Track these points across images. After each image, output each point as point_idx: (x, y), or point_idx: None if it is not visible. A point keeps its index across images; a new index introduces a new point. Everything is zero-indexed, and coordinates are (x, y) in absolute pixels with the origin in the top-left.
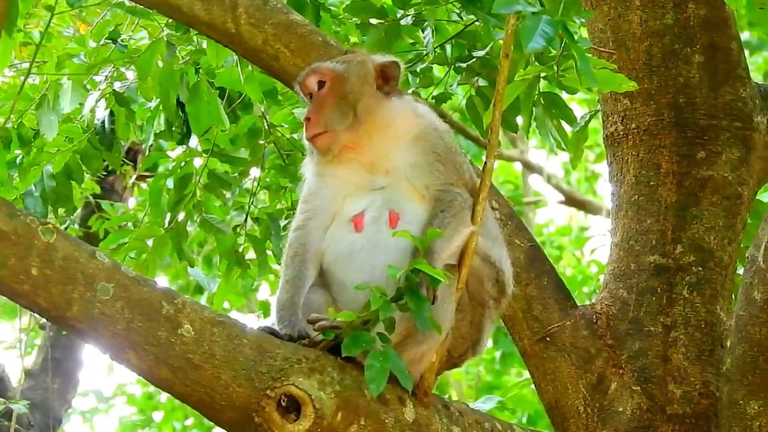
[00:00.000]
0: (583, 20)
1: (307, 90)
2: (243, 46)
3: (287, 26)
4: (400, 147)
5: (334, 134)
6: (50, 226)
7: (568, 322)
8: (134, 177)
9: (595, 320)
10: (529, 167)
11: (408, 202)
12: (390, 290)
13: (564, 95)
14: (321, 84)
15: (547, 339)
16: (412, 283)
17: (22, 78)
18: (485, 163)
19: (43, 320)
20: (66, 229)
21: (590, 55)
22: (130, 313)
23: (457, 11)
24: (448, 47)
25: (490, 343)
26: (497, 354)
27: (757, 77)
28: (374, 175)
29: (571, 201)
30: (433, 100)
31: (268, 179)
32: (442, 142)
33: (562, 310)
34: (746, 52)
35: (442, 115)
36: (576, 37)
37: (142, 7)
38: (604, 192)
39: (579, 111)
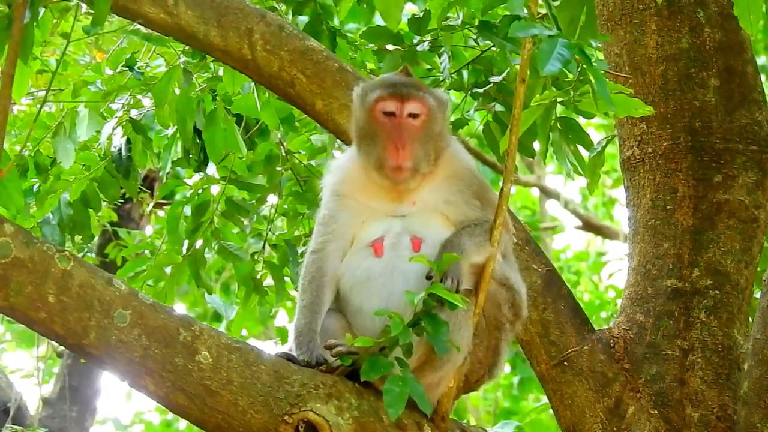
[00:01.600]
0: (599, 43)
1: (397, 110)
2: (259, 73)
3: (303, 52)
4: (433, 183)
5: (418, 175)
6: (67, 253)
7: (585, 347)
8: (151, 205)
9: (612, 344)
10: (546, 192)
11: (431, 228)
12: (407, 316)
13: (581, 120)
14: (414, 116)
15: (565, 363)
16: (430, 307)
17: (39, 106)
18: (502, 188)
19: (61, 348)
20: (83, 257)
21: (606, 80)
22: (147, 339)
23: (474, 37)
24: (465, 73)
25: (507, 369)
26: (515, 379)
27: None
28: (398, 204)
29: (589, 226)
30: (450, 126)
31: (285, 206)
32: (477, 180)
33: (579, 334)
34: (762, 77)
35: (461, 142)
36: (592, 60)
37: (157, 34)
38: (621, 217)
39: (596, 136)
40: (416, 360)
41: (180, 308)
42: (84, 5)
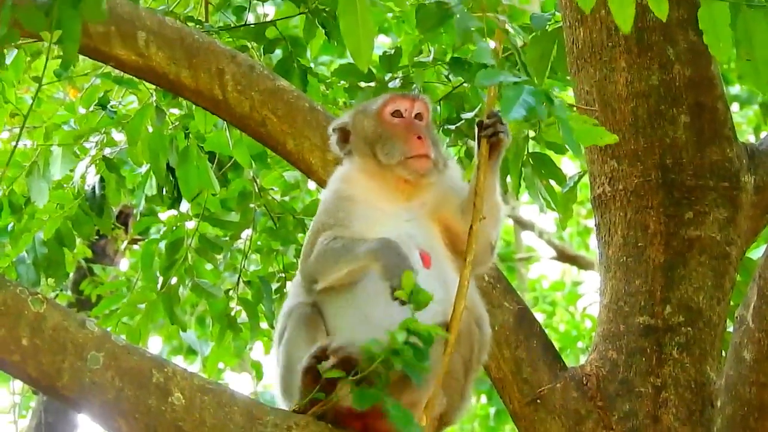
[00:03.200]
0: (560, 89)
1: (406, 110)
2: (230, 113)
3: (273, 92)
4: (437, 191)
5: (435, 170)
6: (39, 296)
7: (557, 384)
8: (126, 243)
9: (585, 382)
10: (520, 223)
11: (433, 240)
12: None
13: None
14: (420, 116)
15: (538, 401)
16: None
17: (13, 143)
18: (471, 226)
19: None
20: (57, 295)
21: (571, 121)
22: (121, 381)
23: (445, 73)
24: (437, 108)
25: (484, 399)
26: (492, 410)
27: (747, 130)
28: (408, 204)
29: (564, 256)
30: None
31: (259, 242)
32: (456, 173)
33: (552, 372)
34: (737, 106)
35: None
36: (556, 103)
37: (129, 75)
38: (597, 247)
39: (572, 167)
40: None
41: (155, 342)
42: (57, 47)
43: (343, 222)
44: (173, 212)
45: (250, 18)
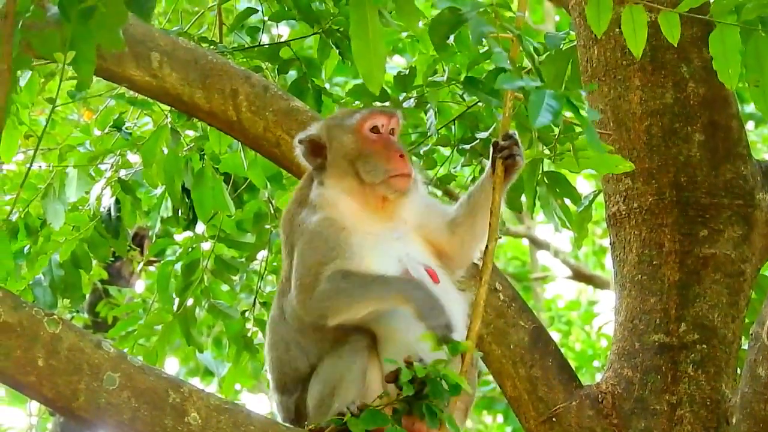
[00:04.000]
0: (586, 93)
1: (383, 126)
2: (244, 134)
3: (287, 113)
4: (411, 204)
5: (414, 185)
6: (55, 317)
7: (573, 403)
8: (141, 264)
9: (600, 400)
10: (536, 243)
11: (426, 253)
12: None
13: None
14: (393, 132)
15: (553, 420)
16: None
17: (27, 165)
18: (486, 246)
19: None
20: (73, 317)
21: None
22: (137, 402)
23: (460, 92)
24: (453, 128)
25: (500, 419)
26: (508, 430)
27: (763, 149)
28: (390, 224)
29: (579, 276)
30: (438, 182)
31: (275, 263)
32: (424, 188)
33: (567, 390)
34: (752, 124)
35: (449, 194)
36: (581, 111)
37: (143, 97)
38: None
39: (587, 186)
40: None
41: (172, 363)
42: (71, 68)
43: (345, 254)
44: (189, 234)
45: (264, 38)
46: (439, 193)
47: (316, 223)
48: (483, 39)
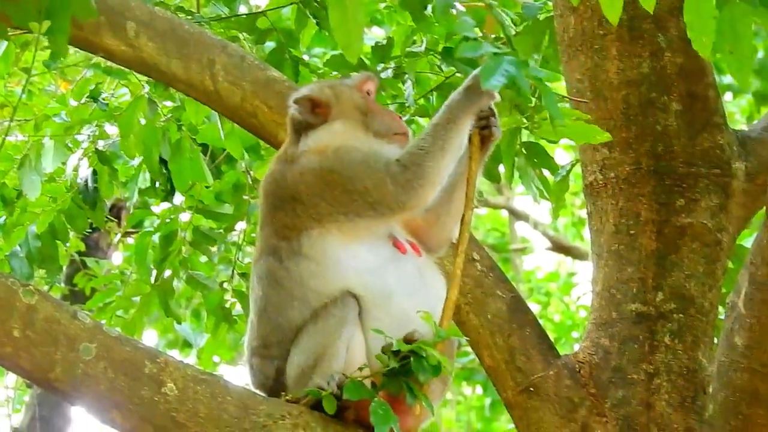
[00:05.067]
0: (540, 57)
1: (372, 92)
2: (221, 104)
3: (265, 83)
4: None
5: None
6: (31, 287)
7: (551, 372)
8: (119, 236)
9: (578, 369)
10: (515, 214)
11: (408, 234)
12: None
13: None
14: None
15: (531, 389)
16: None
17: (3, 136)
18: (463, 215)
19: None
20: (50, 288)
21: (566, 106)
22: (113, 372)
23: (438, 63)
24: (431, 98)
25: (479, 390)
26: (487, 401)
27: (741, 119)
28: None
29: (558, 247)
30: None
31: (253, 234)
32: None
33: (545, 360)
34: (730, 95)
35: None
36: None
37: (119, 66)
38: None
39: (564, 157)
40: None
41: (151, 335)
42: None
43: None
44: (167, 205)
45: (242, 9)
46: None
47: (339, 147)
48: (451, 9)
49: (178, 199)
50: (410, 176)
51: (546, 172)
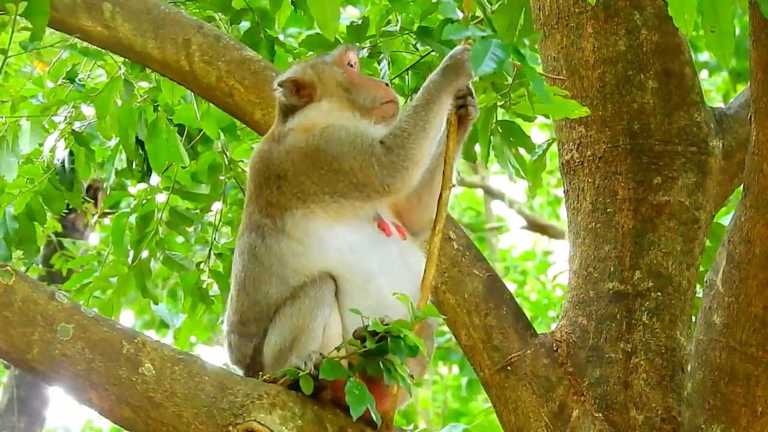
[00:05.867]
0: (530, 41)
1: (354, 62)
2: (197, 84)
3: (240, 63)
4: None
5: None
6: (8, 268)
7: (528, 351)
8: (96, 216)
9: (555, 348)
10: (490, 193)
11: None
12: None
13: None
14: (358, 67)
15: (508, 368)
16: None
17: None
18: (441, 194)
19: None
20: (27, 269)
21: (543, 80)
22: (91, 353)
23: (413, 42)
24: (406, 78)
25: (456, 370)
26: (464, 381)
27: (717, 97)
28: None
29: (534, 226)
30: None
31: (230, 215)
32: None
33: (522, 339)
34: (706, 73)
35: None
36: (527, 59)
37: (95, 47)
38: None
39: (540, 136)
40: None
41: (128, 316)
42: (23, 19)
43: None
44: (143, 185)
45: None
46: None
47: (326, 127)
48: None
49: (155, 179)
50: (395, 158)
51: (522, 151)
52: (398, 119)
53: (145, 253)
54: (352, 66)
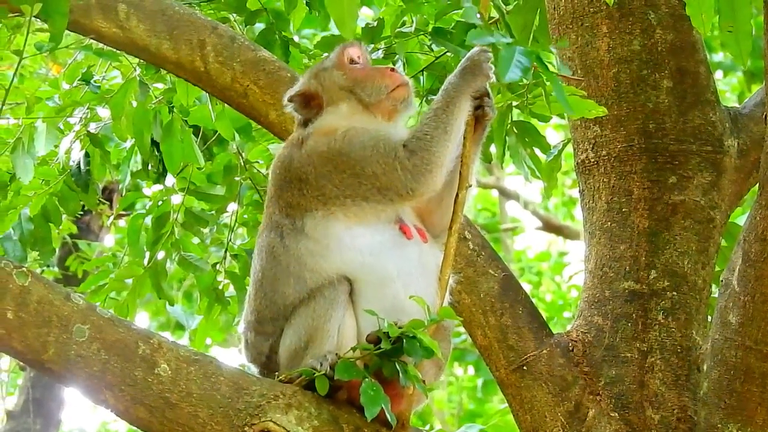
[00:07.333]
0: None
1: (359, 57)
2: (211, 85)
3: (255, 63)
4: None
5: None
6: (24, 269)
7: (543, 351)
8: (112, 218)
9: (570, 348)
10: (505, 194)
11: (415, 218)
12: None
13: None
14: (368, 60)
15: (524, 368)
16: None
17: None
18: (457, 194)
19: None
20: (43, 271)
21: (561, 82)
22: (106, 354)
23: (428, 43)
24: (421, 79)
25: (471, 371)
26: (479, 382)
27: (731, 98)
28: None
29: (549, 227)
30: None
31: (245, 216)
32: None
33: (538, 338)
34: (720, 73)
35: None
36: (549, 66)
37: (110, 48)
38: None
39: (555, 136)
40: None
41: (143, 317)
42: (39, 21)
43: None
44: (159, 187)
45: None
46: None
47: (347, 130)
48: None
49: (170, 181)
50: (418, 161)
51: (537, 151)
52: (419, 122)
53: (160, 255)
54: (355, 62)
